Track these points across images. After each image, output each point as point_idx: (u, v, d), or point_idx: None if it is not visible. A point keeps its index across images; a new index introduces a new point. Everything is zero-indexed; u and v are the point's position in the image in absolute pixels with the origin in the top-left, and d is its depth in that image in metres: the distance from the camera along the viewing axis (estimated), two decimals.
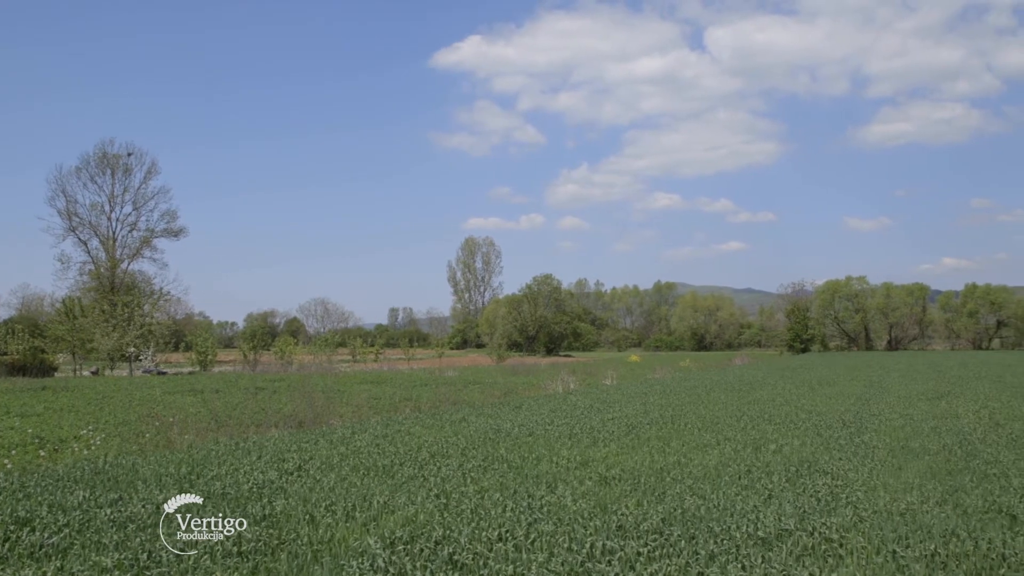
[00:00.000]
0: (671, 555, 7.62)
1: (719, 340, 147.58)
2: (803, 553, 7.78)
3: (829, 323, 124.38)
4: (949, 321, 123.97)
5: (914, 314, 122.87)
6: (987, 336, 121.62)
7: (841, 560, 7.59)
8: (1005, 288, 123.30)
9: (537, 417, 20.06)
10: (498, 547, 7.84)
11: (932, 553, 7.70)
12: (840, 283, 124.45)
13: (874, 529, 8.57)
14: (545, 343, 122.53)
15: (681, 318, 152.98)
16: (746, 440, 15.70)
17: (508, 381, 39.54)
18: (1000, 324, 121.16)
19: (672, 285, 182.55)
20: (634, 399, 25.87)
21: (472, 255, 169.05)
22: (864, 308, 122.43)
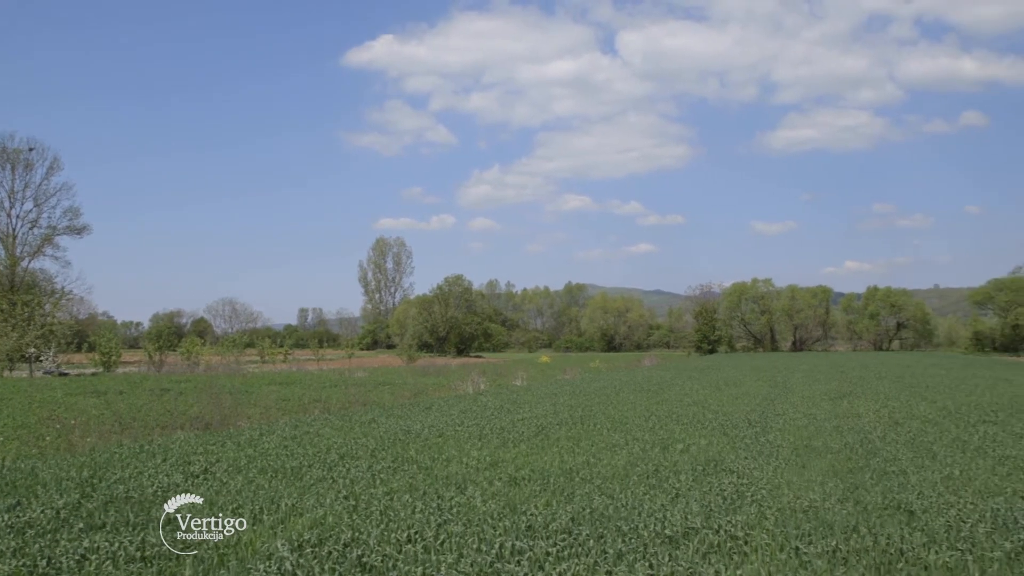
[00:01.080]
0: (580, 554, 7.67)
1: (628, 341, 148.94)
2: (709, 551, 7.89)
3: (736, 324, 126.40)
4: (851, 323, 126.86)
5: (818, 316, 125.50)
6: (887, 337, 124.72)
7: (746, 557, 7.72)
8: (905, 291, 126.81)
9: (447, 418, 20.02)
10: (407, 549, 7.82)
11: (834, 549, 7.87)
12: (747, 285, 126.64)
13: (778, 526, 8.72)
14: (456, 344, 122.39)
15: (591, 319, 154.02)
16: (654, 440, 15.86)
17: (418, 382, 39.38)
18: (900, 326, 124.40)
19: (582, 286, 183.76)
20: (544, 400, 25.97)
21: (383, 255, 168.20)
22: (770, 310, 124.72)
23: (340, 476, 11.79)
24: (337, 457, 13.60)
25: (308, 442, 15.57)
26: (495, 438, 16.24)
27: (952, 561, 7.49)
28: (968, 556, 7.61)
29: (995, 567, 7.35)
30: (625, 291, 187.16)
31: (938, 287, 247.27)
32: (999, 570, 7.28)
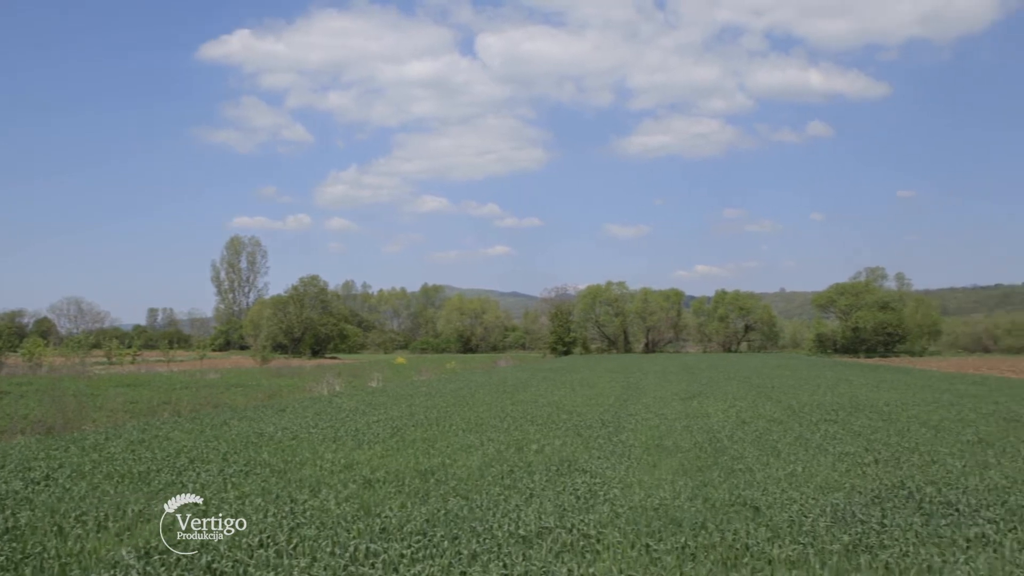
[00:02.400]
0: (434, 556, 7.67)
1: (485, 342, 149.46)
2: (562, 550, 7.98)
3: (590, 326, 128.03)
4: (702, 325, 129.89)
5: (670, 318, 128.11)
6: (736, 339, 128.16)
7: (598, 555, 7.83)
8: (752, 294, 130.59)
9: (301, 420, 19.77)
10: (259, 553, 7.69)
11: (683, 545, 8.06)
12: (601, 288, 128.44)
13: (630, 524, 8.88)
14: (311, 345, 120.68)
15: (448, 320, 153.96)
16: (509, 441, 15.96)
17: (272, 383, 38.74)
18: (748, 328, 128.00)
19: (439, 288, 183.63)
20: (400, 401, 25.87)
21: (237, 255, 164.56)
22: (623, 312, 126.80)
23: (190, 480, 11.52)
24: (187, 461, 13.28)
25: (157, 446, 15.16)
26: (350, 440, 16.11)
27: (794, 554, 7.76)
28: (809, 549, 7.89)
29: (834, 559, 7.63)
30: (482, 293, 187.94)
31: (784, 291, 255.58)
32: (838, 562, 7.56)
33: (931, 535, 8.40)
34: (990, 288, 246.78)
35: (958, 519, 9.07)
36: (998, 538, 8.23)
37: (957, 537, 8.30)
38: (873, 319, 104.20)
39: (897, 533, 8.45)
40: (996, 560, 7.46)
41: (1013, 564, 7.33)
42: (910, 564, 7.44)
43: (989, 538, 8.26)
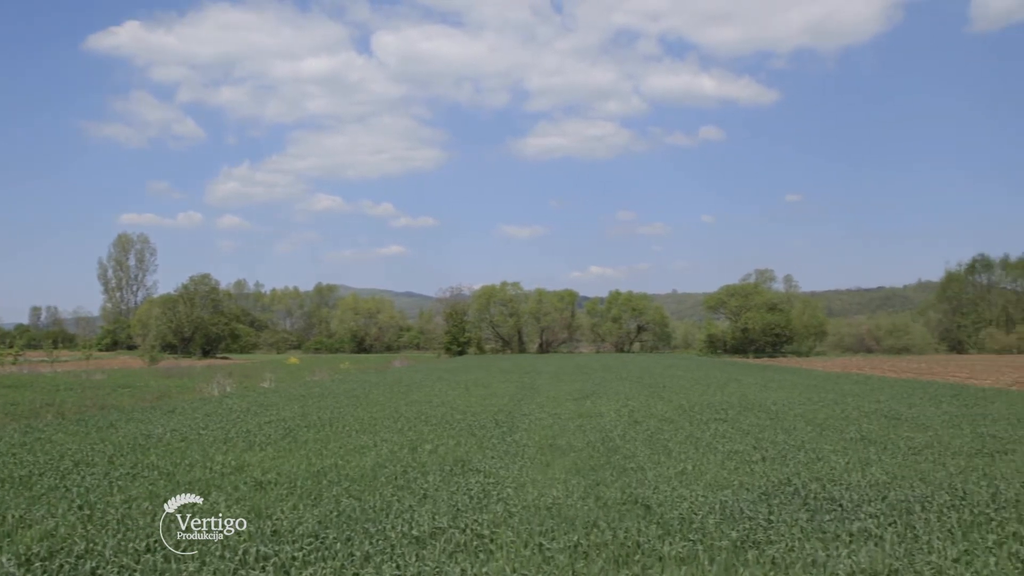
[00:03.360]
0: (327, 558, 7.60)
1: (379, 342, 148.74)
2: (456, 550, 7.98)
3: (485, 327, 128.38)
4: (595, 326, 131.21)
5: (564, 318, 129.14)
6: (629, 340, 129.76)
7: (492, 555, 7.85)
8: (645, 295, 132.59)
9: (191, 421, 19.40)
10: (146, 558, 7.52)
11: (575, 544, 8.12)
12: (496, 288, 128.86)
13: (523, 523, 8.91)
14: (202, 345, 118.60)
15: (342, 320, 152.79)
16: (403, 441, 15.90)
17: (161, 384, 37.94)
18: (640, 329, 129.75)
19: (333, 287, 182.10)
20: (292, 402, 25.57)
21: (125, 252, 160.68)
22: (518, 313, 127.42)
23: (74, 484, 11.20)
24: (71, 464, 12.92)
25: (39, 449, 14.71)
26: (241, 441, 15.87)
27: (684, 551, 7.88)
28: (699, 546, 8.02)
29: (723, 555, 7.77)
30: (377, 292, 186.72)
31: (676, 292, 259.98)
32: (726, 558, 7.71)
33: (816, 530, 8.61)
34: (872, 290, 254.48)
35: (841, 514, 9.32)
36: (879, 532, 8.48)
37: (840, 532, 8.52)
38: (762, 320, 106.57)
39: (783, 529, 8.64)
40: (877, 553, 7.68)
41: (893, 557, 7.56)
42: (795, 559, 7.61)
43: (871, 532, 8.50)
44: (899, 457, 13.85)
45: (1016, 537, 8.27)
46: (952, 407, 22.68)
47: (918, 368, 52.48)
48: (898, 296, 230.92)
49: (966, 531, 8.55)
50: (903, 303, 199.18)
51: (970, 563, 7.42)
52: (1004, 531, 8.52)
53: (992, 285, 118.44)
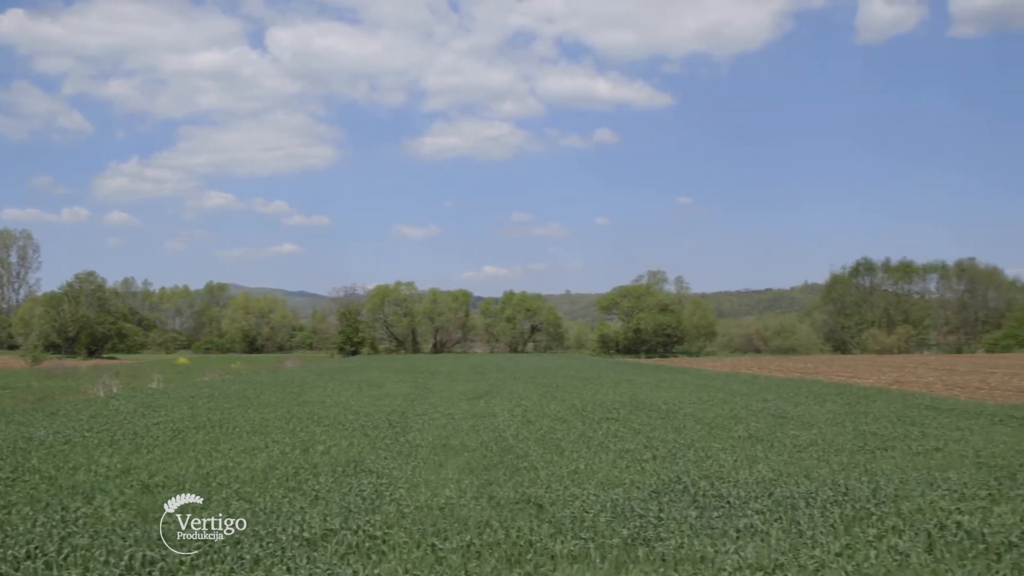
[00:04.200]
0: (215, 562, 7.48)
1: (271, 342, 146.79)
2: (348, 551, 7.93)
3: (379, 326, 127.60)
4: (489, 326, 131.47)
5: (458, 319, 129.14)
6: (523, 340, 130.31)
7: (384, 556, 7.81)
8: (539, 296, 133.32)
9: (75, 423, 18.89)
10: (26, 565, 7.30)
11: (468, 544, 8.13)
12: (390, 288, 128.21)
13: (415, 524, 8.89)
14: (87, 345, 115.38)
15: (233, 320, 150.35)
16: (295, 442, 15.73)
17: (44, 385, 36.87)
18: (534, 329, 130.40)
19: (224, 286, 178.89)
20: (181, 403, 25.07)
21: (6, 248, 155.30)
22: (412, 312, 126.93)
23: None
24: None
25: None
26: (127, 444, 15.51)
27: (576, 549, 7.95)
28: (590, 544, 8.09)
29: (614, 552, 7.87)
30: (269, 292, 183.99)
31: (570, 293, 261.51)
32: (617, 555, 7.80)
33: (704, 527, 8.77)
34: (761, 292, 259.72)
35: (729, 511, 9.50)
36: (765, 528, 8.67)
37: (728, 528, 8.69)
38: (653, 321, 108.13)
39: (673, 526, 8.77)
40: (763, 548, 7.85)
41: (778, 552, 7.74)
42: (684, 555, 7.74)
43: (757, 528, 8.68)
44: (785, 454, 14.18)
45: (895, 531, 8.54)
46: (836, 406, 23.28)
47: (804, 368, 53.74)
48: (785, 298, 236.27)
49: (848, 526, 8.80)
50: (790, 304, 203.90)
51: (851, 557, 7.63)
52: (884, 525, 8.78)
53: (874, 287, 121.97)
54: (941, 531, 8.45)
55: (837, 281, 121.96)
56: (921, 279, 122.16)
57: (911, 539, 8.21)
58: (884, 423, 18.86)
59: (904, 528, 8.63)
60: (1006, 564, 7.37)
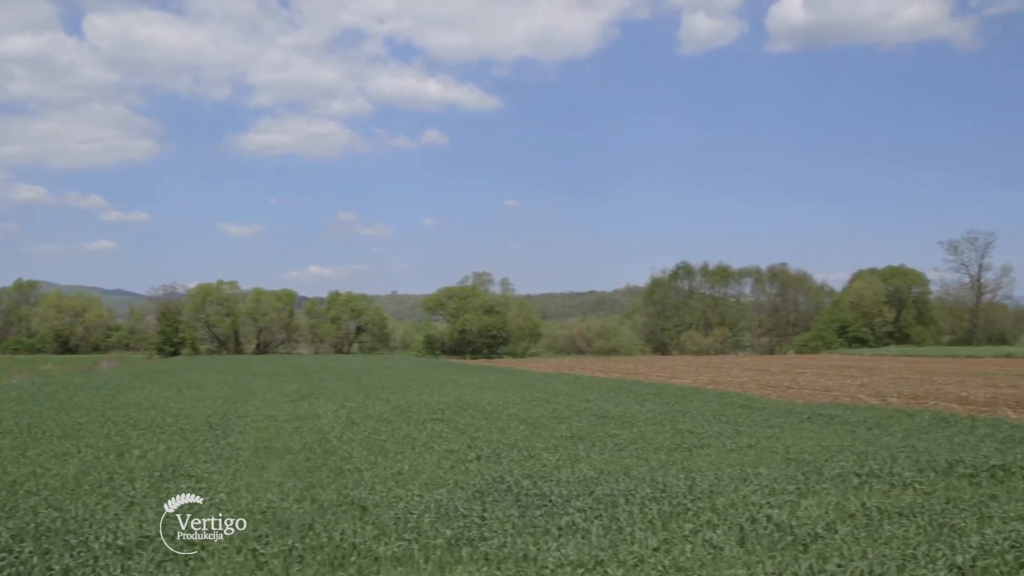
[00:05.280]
0: (22, 574, 7.16)
1: (86, 343, 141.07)
2: (165, 559, 7.72)
3: (200, 327, 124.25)
4: (314, 326, 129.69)
5: (282, 319, 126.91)
6: (348, 340, 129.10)
7: (203, 562, 7.64)
8: (365, 296, 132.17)
9: None
10: None
11: (290, 548, 8.02)
12: (212, 287, 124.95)
13: (236, 529, 8.72)
14: None
15: (44, 319, 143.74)
16: (109, 447, 15.20)
17: None
18: (359, 330, 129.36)
19: (35, 284, 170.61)
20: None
21: None
22: (235, 312, 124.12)
23: None
24: None
25: None
26: None
27: (400, 551, 7.94)
28: (414, 545, 8.10)
29: (438, 553, 7.89)
30: (83, 289, 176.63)
31: (396, 293, 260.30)
32: (441, 555, 7.83)
33: (527, 525, 8.89)
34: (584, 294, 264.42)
35: (551, 509, 9.65)
36: (586, 525, 8.85)
37: (550, 526, 8.84)
38: (479, 322, 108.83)
39: (496, 525, 8.86)
40: (584, 545, 8.01)
41: (599, 548, 7.91)
42: (507, 554, 7.83)
43: (578, 526, 8.85)
44: (606, 453, 14.50)
45: (710, 525, 8.85)
46: (655, 405, 23.94)
47: (625, 368, 55.02)
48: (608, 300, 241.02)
49: (665, 521, 9.06)
50: (612, 306, 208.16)
51: (668, 551, 7.87)
52: (699, 520, 9.09)
53: (693, 291, 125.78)
54: (753, 524, 8.81)
55: (657, 284, 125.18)
56: (737, 283, 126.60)
57: (724, 533, 8.52)
58: (700, 421, 19.51)
59: (718, 522, 8.95)
60: (812, 554, 7.73)
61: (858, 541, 8.24)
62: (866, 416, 20.41)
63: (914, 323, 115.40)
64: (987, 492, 10.73)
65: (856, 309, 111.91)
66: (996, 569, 7.17)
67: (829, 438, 16.49)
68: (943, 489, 11.05)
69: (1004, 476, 11.96)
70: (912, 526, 8.76)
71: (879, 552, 7.71)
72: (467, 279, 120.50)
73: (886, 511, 9.44)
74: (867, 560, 7.42)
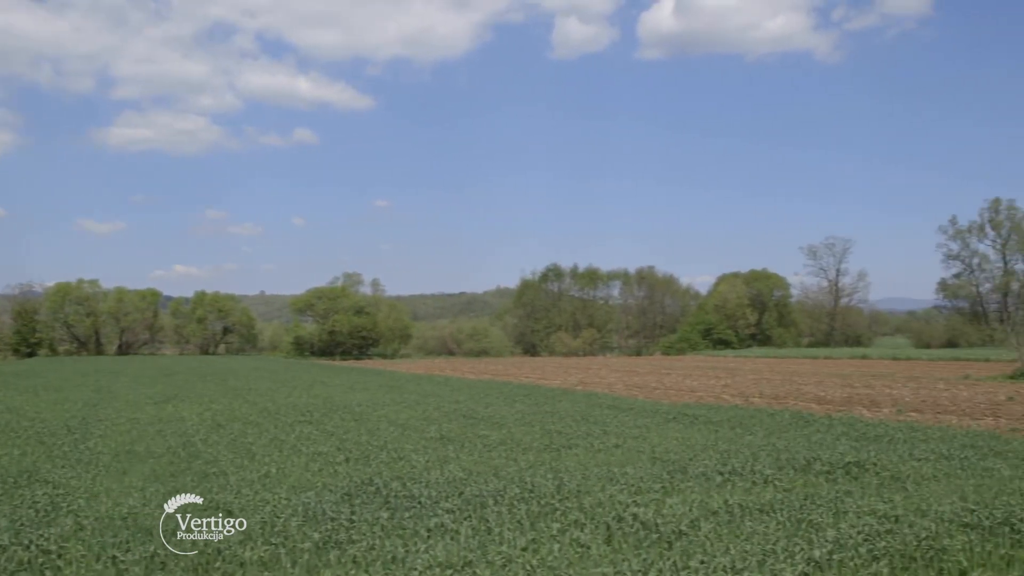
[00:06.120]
0: None
1: None
2: (18, 569, 7.46)
3: (59, 327, 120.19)
4: (179, 327, 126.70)
5: (146, 319, 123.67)
6: (215, 341, 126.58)
7: (60, 571, 7.42)
8: (233, 296, 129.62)
9: None
10: None
11: (152, 554, 7.83)
12: (72, 286, 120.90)
13: (95, 536, 8.48)
14: None
15: None
16: None
17: None
18: (227, 330, 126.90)
19: None
20: None
21: None
22: (95, 312, 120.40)
23: None
24: None
25: None
26: None
27: (267, 555, 7.82)
28: (281, 549, 7.99)
29: (305, 557, 7.80)
30: None
31: (264, 294, 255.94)
32: (308, 559, 7.74)
33: (396, 527, 8.86)
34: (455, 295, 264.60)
35: (420, 511, 9.64)
36: (455, 526, 8.86)
37: (419, 528, 8.82)
38: (349, 323, 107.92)
39: (365, 528, 8.81)
40: (453, 546, 8.02)
41: (467, 549, 7.92)
42: (376, 556, 7.79)
43: (447, 527, 8.86)
44: (476, 454, 14.56)
45: (577, 524, 8.96)
46: (525, 406, 24.13)
47: (495, 369, 55.27)
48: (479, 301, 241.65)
49: (534, 521, 9.14)
50: (483, 308, 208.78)
51: (536, 551, 7.94)
52: (567, 520, 9.19)
53: (562, 293, 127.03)
54: (619, 523, 8.94)
55: (527, 286, 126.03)
56: (605, 285, 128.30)
57: (592, 531, 8.64)
58: (569, 422, 19.73)
59: (585, 521, 9.07)
60: (676, 551, 7.89)
61: (720, 537, 8.45)
62: (729, 416, 20.94)
63: (776, 325, 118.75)
64: (842, 488, 11.13)
65: (720, 312, 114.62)
66: (851, 562, 7.43)
67: (694, 437, 16.87)
68: (801, 486, 11.42)
69: (858, 472, 12.42)
70: (772, 522, 9.01)
71: (740, 548, 7.91)
72: (337, 280, 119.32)
73: (747, 508, 9.70)
74: (729, 556, 7.60)
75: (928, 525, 8.47)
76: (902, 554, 7.63)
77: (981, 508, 9.12)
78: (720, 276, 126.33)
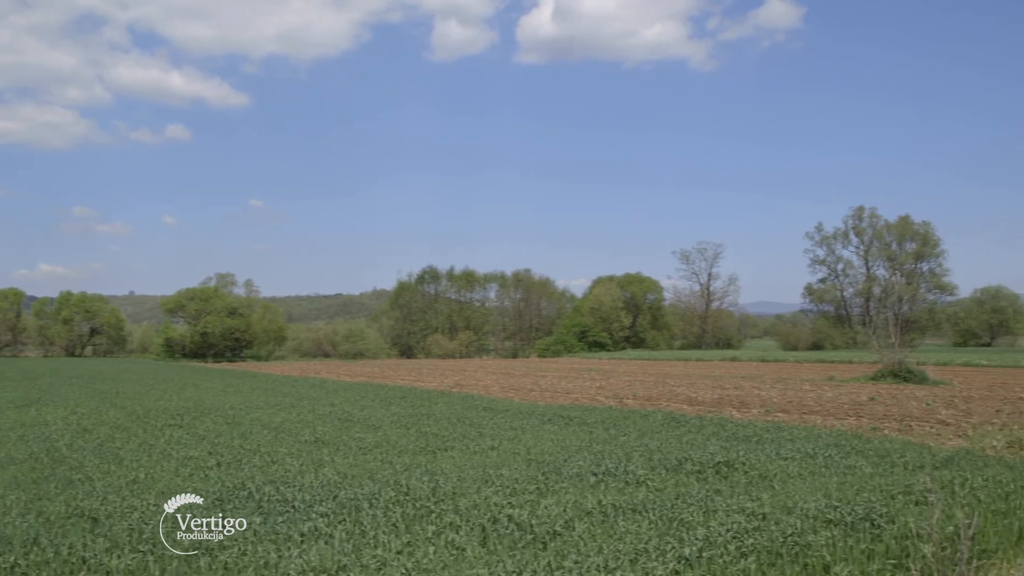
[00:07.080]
0: None
1: None
2: None
3: None
4: (44, 328, 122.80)
5: (8, 320, 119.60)
6: (81, 343, 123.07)
7: None
8: (100, 297, 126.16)
9: None
10: None
11: (13, 565, 7.57)
12: None
13: None
14: None
15: None
16: None
17: None
18: (94, 331, 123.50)
19: None
20: None
21: None
22: None
23: None
24: None
25: None
26: None
27: (135, 564, 7.63)
28: (150, 557, 7.81)
29: (174, 564, 7.64)
30: None
31: (133, 294, 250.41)
32: (178, 567, 7.58)
33: (269, 532, 8.74)
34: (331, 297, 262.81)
35: (294, 515, 9.54)
36: (329, 530, 8.79)
37: (293, 532, 8.72)
38: (222, 324, 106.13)
39: (236, 533, 8.66)
40: (327, 550, 7.95)
41: (342, 553, 7.86)
42: (248, 562, 7.66)
43: (321, 531, 8.78)
44: (351, 457, 14.47)
45: (452, 526, 8.96)
46: (401, 408, 24.07)
47: (371, 372, 54.97)
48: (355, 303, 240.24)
49: (409, 524, 9.12)
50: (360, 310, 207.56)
51: (412, 554, 7.92)
52: (442, 522, 9.19)
53: (439, 295, 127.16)
54: (494, 524, 8.99)
55: (404, 288, 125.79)
56: (482, 288, 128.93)
57: (467, 533, 8.66)
58: (445, 424, 19.75)
59: (461, 523, 9.08)
60: (551, 551, 7.96)
61: (594, 537, 8.56)
62: (603, 417, 21.22)
63: (649, 328, 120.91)
64: (713, 487, 11.38)
65: (595, 314, 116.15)
66: (720, 559, 7.60)
67: (568, 439, 17.05)
68: (673, 485, 11.66)
69: (728, 472, 12.73)
70: (644, 521, 9.17)
71: (614, 547, 8.02)
72: (210, 280, 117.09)
73: (621, 508, 9.84)
74: (602, 555, 7.70)
75: (794, 522, 8.71)
76: (769, 550, 7.84)
77: (844, 505, 9.42)
78: (595, 279, 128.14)
